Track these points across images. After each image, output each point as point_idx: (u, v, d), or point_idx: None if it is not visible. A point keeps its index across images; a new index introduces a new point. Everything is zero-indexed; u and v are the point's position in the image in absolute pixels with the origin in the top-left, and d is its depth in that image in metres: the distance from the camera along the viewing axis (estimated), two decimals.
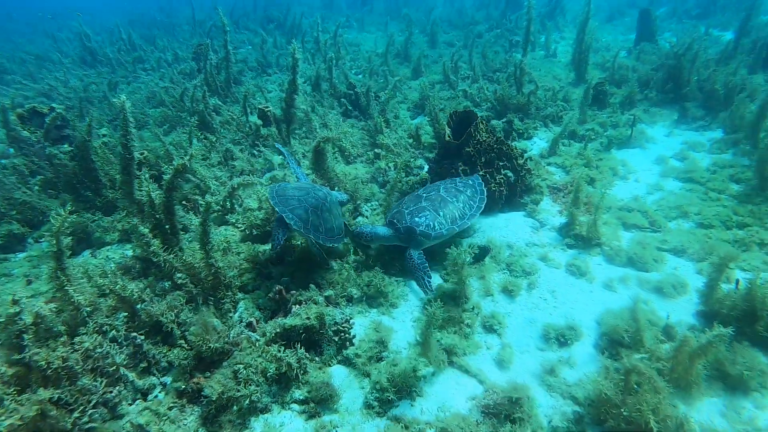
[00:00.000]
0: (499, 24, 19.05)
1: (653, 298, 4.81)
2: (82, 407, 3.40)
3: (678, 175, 7.16)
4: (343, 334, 4.36)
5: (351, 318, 4.58)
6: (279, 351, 3.93)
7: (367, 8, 28.75)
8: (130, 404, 3.79)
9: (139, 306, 4.38)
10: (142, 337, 4.05)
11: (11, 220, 6.62)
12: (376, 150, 7.92)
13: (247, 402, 3.71)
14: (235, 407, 3.72)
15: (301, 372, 4.02)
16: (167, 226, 5.16)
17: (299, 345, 4.08)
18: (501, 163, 6.37)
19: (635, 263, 5.33)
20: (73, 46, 20.12)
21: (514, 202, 6.51)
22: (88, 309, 4.15)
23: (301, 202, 5.13)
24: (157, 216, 5.10)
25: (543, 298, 5.01)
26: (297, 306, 4.42)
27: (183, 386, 3.85)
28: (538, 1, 24.50)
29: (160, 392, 3.99)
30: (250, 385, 3.74)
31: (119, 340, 4.01)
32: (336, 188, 6.58)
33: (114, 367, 3.66)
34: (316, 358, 4.28)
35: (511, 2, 21.46)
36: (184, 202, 6.64)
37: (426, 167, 7.58)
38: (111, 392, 3.63)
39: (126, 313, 4.36)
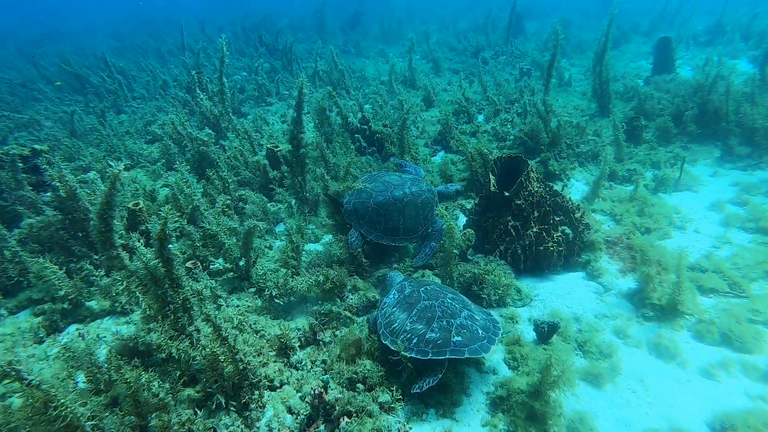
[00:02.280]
0: (503, 50, 18.54)
1: None
2: None
3: (743, 225, 6.43)
4: None
5: (410, 428, 3.69)
6: None
7: (360, 29, 28.27)
8: None
9: (153, 416, 3.47)
10: None
11: None
12: None
13: None
14: None
15: None
16: (178, 301, 4.25)
17: None
18: (557, 218, 5.58)
19: (732, 342, 4.53)
20: (56, 71, 19.07)
21: (570, 261, 5.70)
22: (91, 424, 3.23)
23: (371, 196, 5.49)
24: (160, 292, 4.18)
25: (632, 390, 4.17)
26: (347, 419, 3.52)
27: None
28: (539, 28, 24.41)
29: None
30: None
31: None
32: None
33: None
34: None
35: (512, 27, 21.06)
36: (188, 266, 5.73)
37: (462, 219, 6.73)
38: None
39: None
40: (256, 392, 3.96)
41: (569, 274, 5.67)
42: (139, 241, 4.19)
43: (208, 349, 3.74)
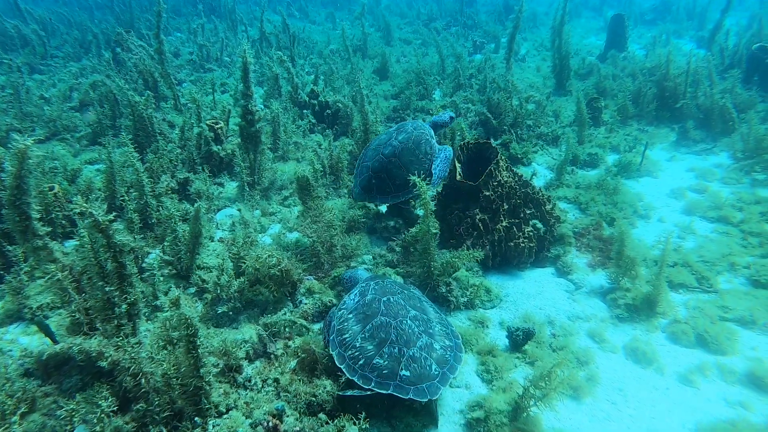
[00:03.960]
0: (456, 20, 17.93)
1: (750, 398, 3.84)
2: None
3: (704, 214, 6.36)
4: None
5: None
6: None
7: None
8: None
9: None
10: None
11: None
12: None
13: None
14: None
15: None
16: (124, 307, 3.59)
17: None
18: (528, 212, 5.21)
19: (707, 343, 4.36)
20: None
21: (540, 256, 5.38)
22: None
23: (368, 168, 5.47)
24: (108, 289, 3.51)
25: (611, 401, 3.91)
26: None
27: None
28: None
29: None
30: None
31: None
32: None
33: None
34: None
35: None
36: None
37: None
38: None
39: None
40: (199, 420, 3.37)
41: (538, 270, 5.35)
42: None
43: (167, 364, 3.15)
